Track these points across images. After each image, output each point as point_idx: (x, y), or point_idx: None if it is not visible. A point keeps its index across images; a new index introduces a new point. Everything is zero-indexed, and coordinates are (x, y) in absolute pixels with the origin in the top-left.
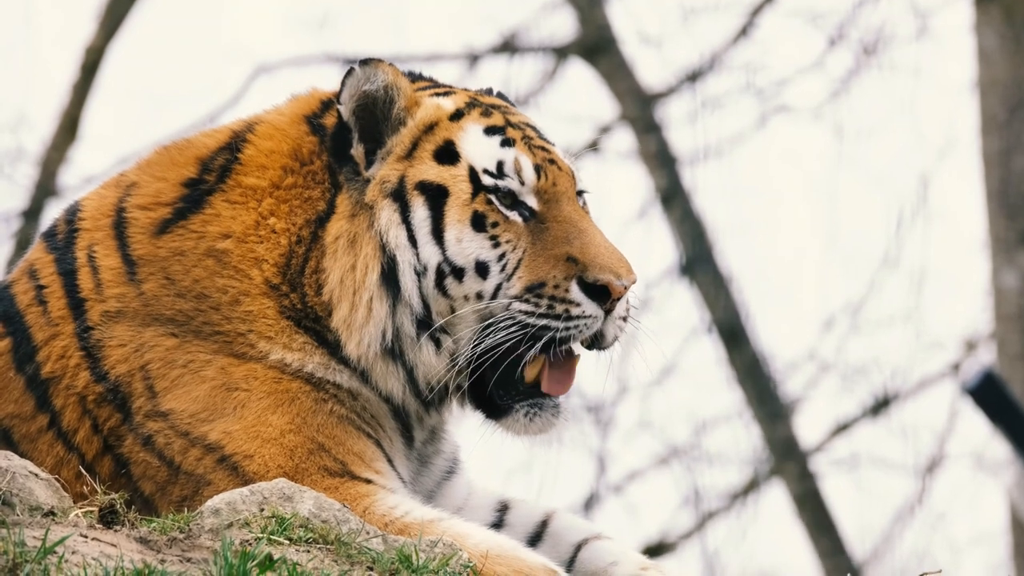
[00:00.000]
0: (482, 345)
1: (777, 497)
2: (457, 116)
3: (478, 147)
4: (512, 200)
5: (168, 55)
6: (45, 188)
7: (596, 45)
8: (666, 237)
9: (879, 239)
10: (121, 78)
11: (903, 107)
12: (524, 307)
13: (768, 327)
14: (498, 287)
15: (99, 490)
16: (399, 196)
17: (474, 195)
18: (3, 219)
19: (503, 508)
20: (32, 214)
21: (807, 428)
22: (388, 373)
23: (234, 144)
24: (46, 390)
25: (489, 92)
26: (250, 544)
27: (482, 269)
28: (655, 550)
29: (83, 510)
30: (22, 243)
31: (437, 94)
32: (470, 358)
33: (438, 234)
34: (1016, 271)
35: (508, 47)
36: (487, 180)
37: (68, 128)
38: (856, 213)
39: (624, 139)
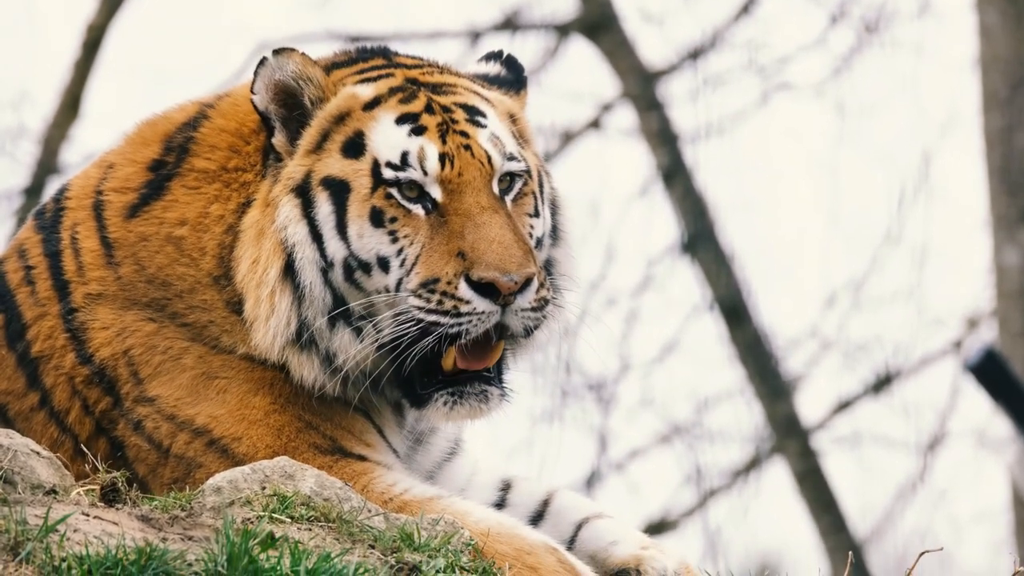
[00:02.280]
0: (385, 337)
1: (778, 475)
2: (372, 105)
3: (385, 138)
4: (419, 192)
5: (170, 32)
6: (47, 166)
7: (598, 23)
8: (668, 215)
9: (881, 216)
10: (123, 55)
11: (905, 84)
12: (417, 302)
13: (770, 304)
14: (399, 281)
15: (100, 468)
16: (303, 192)
17: (373, 190)
18: (5, 197)
19: (505, 487)
20: (34, 192)
21: (808, 405)
22: (302, 363)
23: (195, 120)
24: (36, 368)
25: (499, 56)
26: (252, 522)
27: (383, 264)
28: (656, 528)
29: (85, 489)
30: (24, 221)
31: (367, 79)
32: (383, 348)
33: (342, 229)
34: (1017, 248)
35: (510, 25)
36: (388, 173)
37: (70, 105)
38: (858, 190)
39: (626, 117)
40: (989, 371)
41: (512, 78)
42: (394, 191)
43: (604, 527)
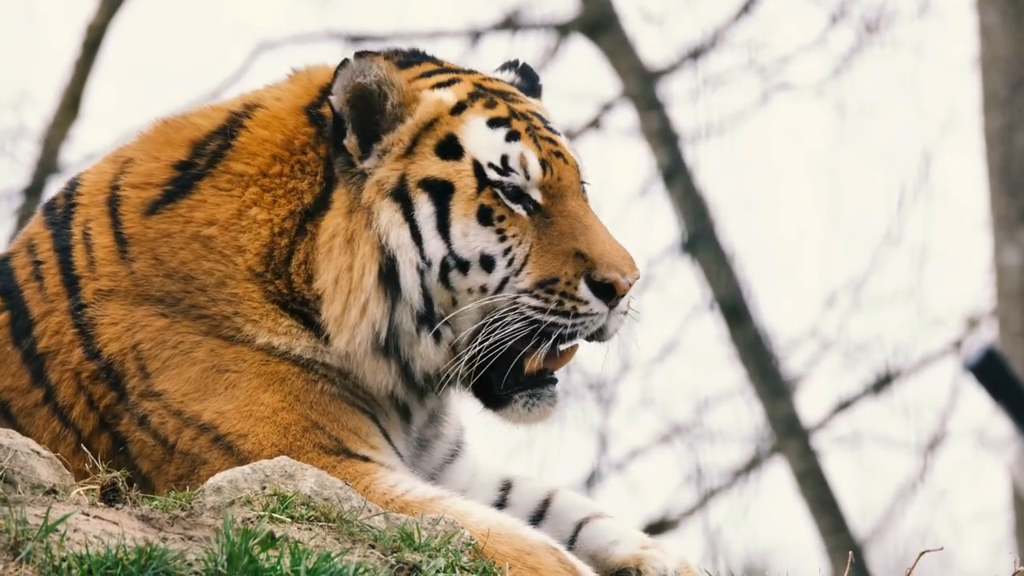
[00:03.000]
0: (490, 339)
1: (779, 474)
2: (459, 109)
3: (482, 140)
4: (517, 194)
5: (170, 31)
6: (47, 165)
7: (598, 22)
8: (668, 214)
9: (881, 216)
10: (123, 55)
11: (905, 84)
12: (534, 302)
13: (770, 304)
14: (504, 280)
15: (100, 468)
16: (400, 195)
17: (479, 189)
18: (5, 197)
19: (506, 487)
20: (34, 191)
21: (809, 405)
22: (377, 369)
23: (230, 129)
24: (42, 364)
25: (514, 65)
26: (252, 522)
27: (487, 262)
28: (657, 528)
29: (85, 488)
30: (23, 221)
31: (440, 84)
32: (476, 351)
33: (444, 229)
34: (1017, 248)
35: (510, 24)
36: (492, 175)
37: (70, 105)
38: (858, 190)
39: (626, 116)
40: (989, 371)
41: (528, 86)
42: (499, 191)
43: (604, 527)
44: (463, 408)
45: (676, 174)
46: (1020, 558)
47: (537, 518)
